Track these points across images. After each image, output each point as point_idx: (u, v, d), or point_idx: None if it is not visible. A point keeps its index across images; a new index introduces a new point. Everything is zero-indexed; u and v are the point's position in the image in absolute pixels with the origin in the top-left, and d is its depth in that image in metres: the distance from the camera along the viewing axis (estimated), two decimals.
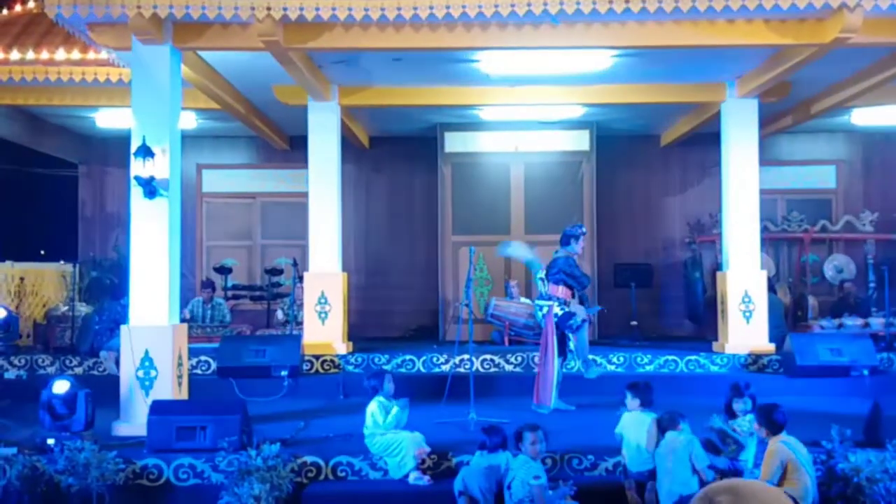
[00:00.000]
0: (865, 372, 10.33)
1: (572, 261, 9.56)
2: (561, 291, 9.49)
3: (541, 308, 9.62)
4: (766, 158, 13.04)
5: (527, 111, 13.14)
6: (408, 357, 11.27)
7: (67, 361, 11.27)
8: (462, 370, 9.96)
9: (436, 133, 14.34)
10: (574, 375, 10.11)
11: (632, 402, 7.14)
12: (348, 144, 13.56)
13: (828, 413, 8.45)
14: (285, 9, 8.14)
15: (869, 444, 7.23)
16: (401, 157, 15.24)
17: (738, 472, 6.62)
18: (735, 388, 7.15)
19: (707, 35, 8.79)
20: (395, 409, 7.33)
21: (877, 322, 11.96)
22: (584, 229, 9.80)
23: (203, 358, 11.00)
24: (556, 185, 14.31)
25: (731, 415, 7.09)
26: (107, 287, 13.78)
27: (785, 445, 6.34)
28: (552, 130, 14.27)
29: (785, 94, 11.69)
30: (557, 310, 9.44)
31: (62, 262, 14.13)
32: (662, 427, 6.69)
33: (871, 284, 13.83)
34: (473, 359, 9.67)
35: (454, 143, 14.43)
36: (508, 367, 11.14)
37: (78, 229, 15.58)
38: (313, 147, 11.82)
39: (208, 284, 13.21)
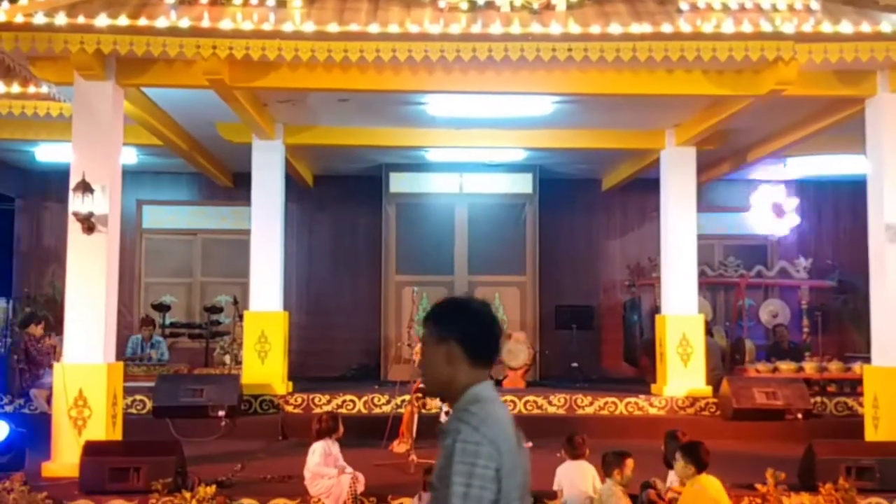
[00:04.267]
0: (799, 416, 10.53)
1: None
2: None
3: None
4: (704, 205, 13.30)
5: (471, 153, 13.28)
6: (349, 397, 11.19)
7: None
8: (402, 411, 9.91)
9: (381, 173, 14.38)
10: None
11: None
12: (292, 182, 13.52)
13: (763, 456, 8.57)
14: (231, 48, 8.13)
15: (803, 488, 7.35)
16: (345, 197, 15.23)
17: None
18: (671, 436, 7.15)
19: (647, 84, 9.00)
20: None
21: (810, 367, 12.19)
22: None
23: (138, 397, 10.79)
24: (499, 226, 14.42)
25: (669, 465, 7.06)
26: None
27: (705, 487, 6.34)
28: (496, 173, 14.41)
29: (722, 143, 11.97)
30: None
31: None
32: (605, 469, 6.66)
33: (805, 330, 14.11)
34: (412, 400, 9.64)
35: (399, 183, 14.48)
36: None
37: (12, 264, 15.25)
38: (257, 185, 11.76)
39: (149, 322, 12.99)
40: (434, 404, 9.69)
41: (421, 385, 9.74)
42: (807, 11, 8.44)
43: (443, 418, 9.56)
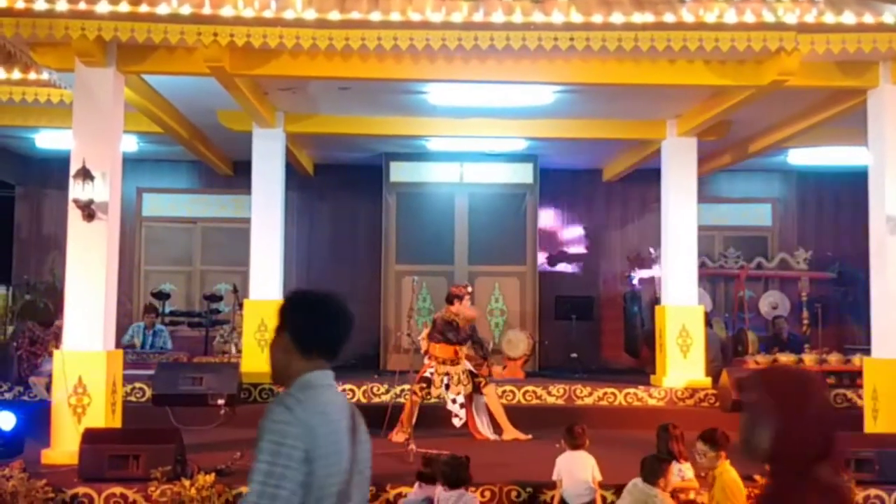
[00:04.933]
0: None
1: (451, 322, 9.83)
2: (438, 350, 9.79)
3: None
4: (705, 196, 13.29)
5: (472, 143, 13.26)
6: (348, 386, 11.18)
7: None
8: (402, 400, 9.91)
9: (381, 162, 14.36)
10: (514, 406, 10.15)
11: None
12: (293, 171, 13.50)
13: None
14: (232, 35, 8.10)
15: None
16: (345, 185, 15.21)
17: None
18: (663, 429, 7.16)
19: (648, 74, 8.98)
20: None
21: (810, 358, 12.18)
22: (469, 289, 10.09)
23: (137, 385, 10.79)
24: (499, 216, 14.40)
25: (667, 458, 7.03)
26: (40, 311, 13.47)
27: (728, 471, 6.36)
28: (497, 162, 14.39)
29: (724, 134, 11.94)
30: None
31: None
32: (647, 476, 6.49)
33: (805, 321, 14.12)
34: (415, 389, 9.64)
35: (399, 172, 14.46)
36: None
37: (12, 251, 15.23)
38: (257, 173, 11.74)
39: (152, 310, 12.99)
40: (436, 394, 9.69)
41: (425, 374, 9.76)
42: (809, 2, 8.39)
43: (449, 406, 9.57)
